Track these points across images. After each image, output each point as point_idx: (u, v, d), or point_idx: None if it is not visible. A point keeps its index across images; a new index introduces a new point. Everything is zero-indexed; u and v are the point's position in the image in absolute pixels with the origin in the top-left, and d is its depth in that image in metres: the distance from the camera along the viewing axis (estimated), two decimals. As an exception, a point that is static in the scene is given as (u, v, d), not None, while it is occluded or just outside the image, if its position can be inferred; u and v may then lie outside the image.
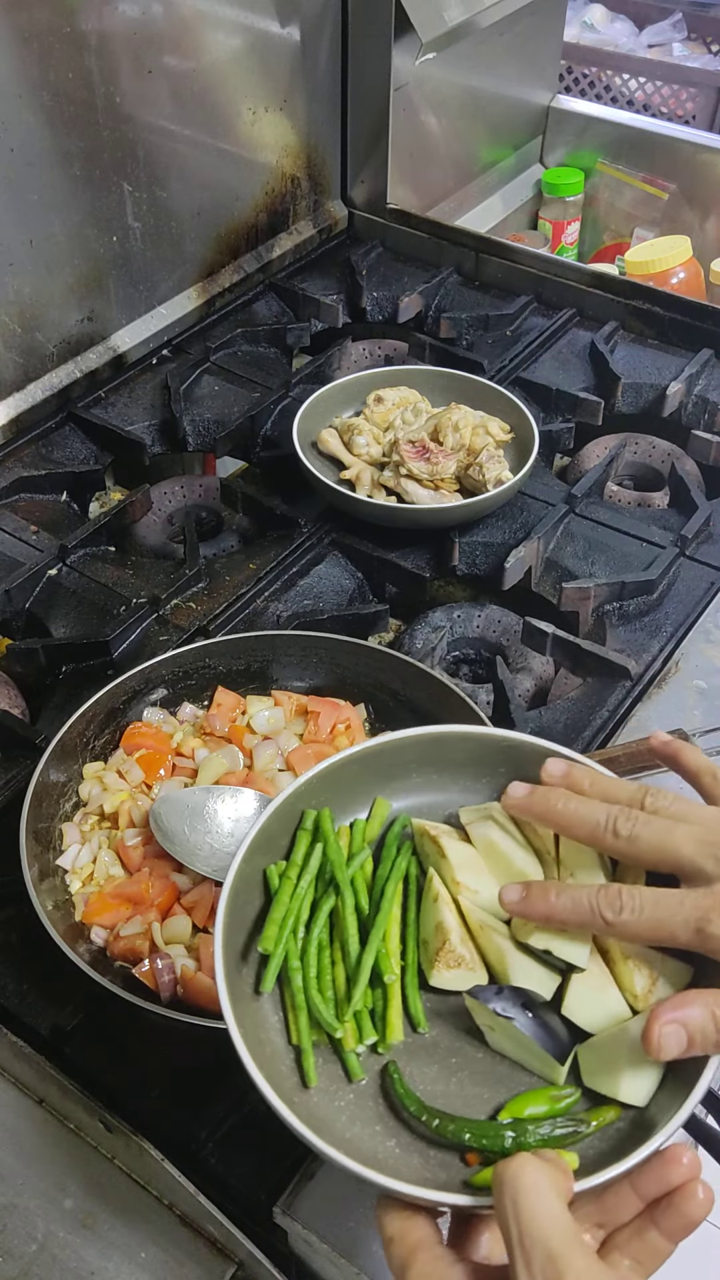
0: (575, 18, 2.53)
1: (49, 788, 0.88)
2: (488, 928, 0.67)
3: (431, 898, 0.68)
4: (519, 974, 0.65)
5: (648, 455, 1.34)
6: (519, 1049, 0.64)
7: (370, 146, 1.61)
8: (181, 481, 1.34)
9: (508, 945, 0.66)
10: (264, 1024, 0.64)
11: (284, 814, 0.69)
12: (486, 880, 0.69)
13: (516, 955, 0.65)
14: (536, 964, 0.65)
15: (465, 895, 0.68)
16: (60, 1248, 0.72)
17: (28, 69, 1.16)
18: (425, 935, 0.68)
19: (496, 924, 0.67)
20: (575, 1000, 0.64)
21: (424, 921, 0.69)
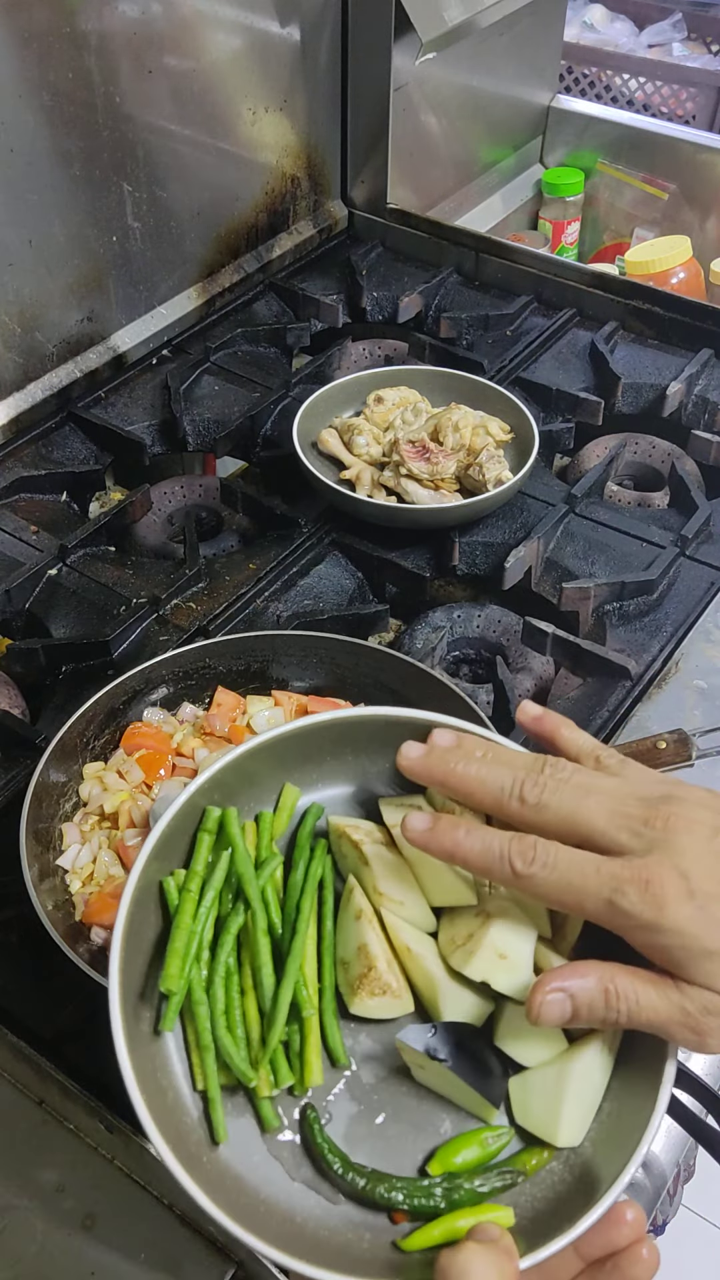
0: (575, 18, 2.53)
1: (49, 788, 0.88)
2: (415, 952, 0.61)
3: (353, 914, 0.62)
4: (449, 1003, 0.60)
5: (648, 455, 1.34)
6: (449, 1088, 0.60)
7: (370, 146, 1.61)
8: (181, 481, 1.34)
9: (438, 970, 0.61)
10: (166, 1067, 0.58)
11: (186, 815, 0.63)
12: (413, 893, 0.63)
13: (447, 982, 0.60)
14: (467, 990, 0.60)
15: (389, 909, 0.62)
16: (60, 1248, 0.72)
17: (28, 69, 1.16)
18: (345, 956, 0.62)
19: (425, 943, 0.62)
20: (509, 1031, 0.60)
21: (344, 940, 0.63)
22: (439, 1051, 0.58)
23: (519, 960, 0.60)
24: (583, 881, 0.55)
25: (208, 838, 0.63)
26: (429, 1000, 0.61)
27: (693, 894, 0.54)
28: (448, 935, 0.62)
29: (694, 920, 0.54)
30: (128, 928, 0.58)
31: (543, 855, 0.56)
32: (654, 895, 0.54)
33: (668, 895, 0.54)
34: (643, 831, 0.56)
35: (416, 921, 0.63)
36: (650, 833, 0.55)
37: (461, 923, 0.62)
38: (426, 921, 0.63)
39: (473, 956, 0.59)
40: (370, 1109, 0.59)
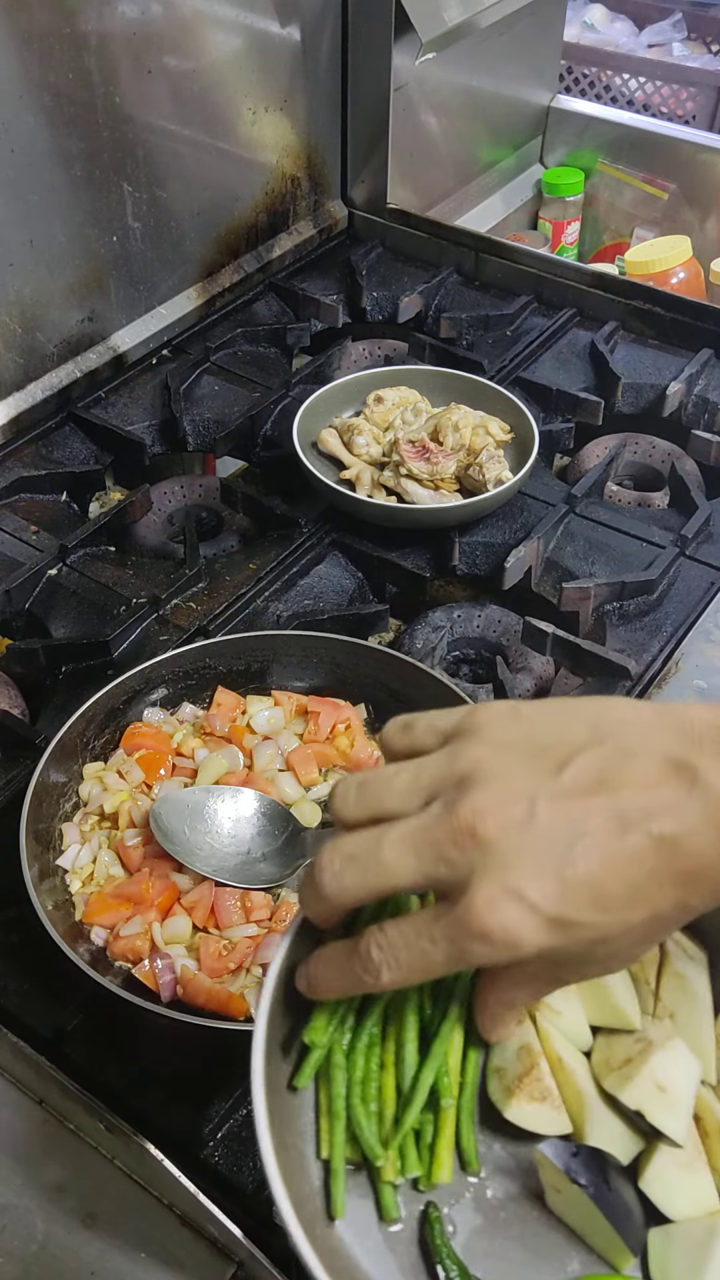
0: (575, 18, 2.53)
1: (49, 788, 0.88)
2: (568, 1065, 0.57)
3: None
4: (597, 1128, 0.55)
5: (648, 455, 1.34)
6: (585, 1221, 0.54)
7: (370, 146, 1.61)
8: (181, 481, 1.34)
9: (590, 1091, 0.56)
10: (292, 1125, 0.55)
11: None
12: (574, 1004, 0.59)
13: (598, 1105, 0.56)
14: (618, 1120, 0.56)
15: (546, 1017, 0.59)
16: (60, 1248, 0.72)
17: (28, 69, 1.16)
18: (502, 1062, 0.58)
19: (578, 1059, 0.58)
20: (658, 1176, 0.54)
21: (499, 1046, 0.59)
22: (581, 1175, 0.53)
23: (679, 1097, 0.55)
24: (431, 963, 0.50)
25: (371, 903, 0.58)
26: (575, 1120, 0.57)
27: (535, 908, 0.47)
28: (603, 1056, 0.59)
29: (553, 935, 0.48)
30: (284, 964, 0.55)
31: (378, 958, 0.50)
32: (501, 938, 0.48)
33: (514, 930, 0.47)
34: (453, 856, 0.49)
35: (572, 1036, 0.59)
36: (462, 854, 0.48)
37: (620, 1046, 0.59)
38: (582, 1038, 0.60)
39: (629, 1082, 0.55)
40: (494, 1225, 0.55)
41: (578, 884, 0.47)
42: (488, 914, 0.47)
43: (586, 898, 0.48)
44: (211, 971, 0.80)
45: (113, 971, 0.81)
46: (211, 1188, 0.71)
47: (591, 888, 0.48)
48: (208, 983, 0.79)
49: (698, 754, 0.49)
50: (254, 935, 0.82)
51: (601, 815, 0.48)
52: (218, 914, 0.83)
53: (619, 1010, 0.59)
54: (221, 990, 0.78)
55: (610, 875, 0.48)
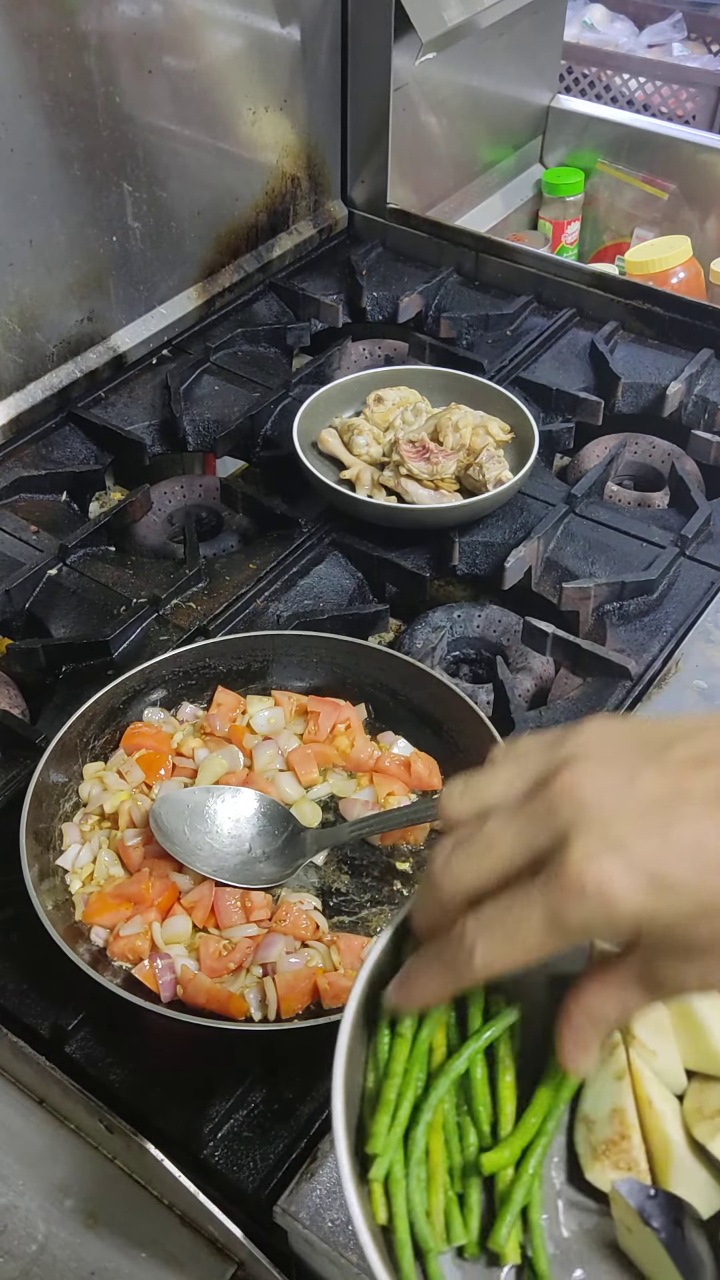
0: (575, 18, 2.53)
1: (49, 788, 0.88)
2: (657, 1109, 0.56)
3: (613, 1072, 0.57)
4: (680, 1175, 0.54)
5: (648, 455, 1.34)
6: (653, 1265, 0.53)
7: (370, 146, 1.61)
8: (181, 481, 1.34)
9: (678, 1138, 0.55)
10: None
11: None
12: (670, 1045, 0.58)
13: (684, 1154, 0.54)
14: (703, 1169, 0.55)
15: (640, 1054, 0.57)
16: (60, 1248, 0.72)
17: (28, 69, 1.16)
18: (593, 1114, 0.56)
19: (669, 1103, 0.57)
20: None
21: (595, 1095, 0.57)
22: (654, 1218, 0.51)
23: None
24: (527, 932, 0.47)
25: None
26: (659, 1165, 0.55)
27: (634, 864, 0.45)
28: (695, 1103, 0.57)
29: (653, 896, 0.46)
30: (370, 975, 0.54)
31: (474, 934, 0.49)
32: (597, 891, 0.46)
33: (611, 885, 0.45)
34: (546, 821, 0.48)
35: (665, 1077, 0.58)
36: (557, 817, 0.47)
37: (714, 1094, 0.57)
38: (675, 1081, 0.58)
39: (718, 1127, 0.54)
40: (566, 1256, 0.54)
41: (681, 843, 0.45)
42: (585, 866, 0.45)
43: (690, 858, 0.45)
44: (211, 971, 0.80)
45: (113, 971, 0.81)
46: (211, 1188, 0.71)
47: (696, 848, 0.45)
48: (208, 983, 0.79)
49: None
50: (254, 935, 0.82)
51: (706, 784, 0.47)
52: (218, 914, 0.83)
53: (716, 1054, 0.57)
54: (221, 990, 0.78)
55: (714, 838, 0.45)
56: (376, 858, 0.90)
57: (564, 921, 0.46)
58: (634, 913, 0.46)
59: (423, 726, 0.97)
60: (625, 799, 0.47)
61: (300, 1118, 0.75)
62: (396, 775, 0.93)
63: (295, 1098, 0.76)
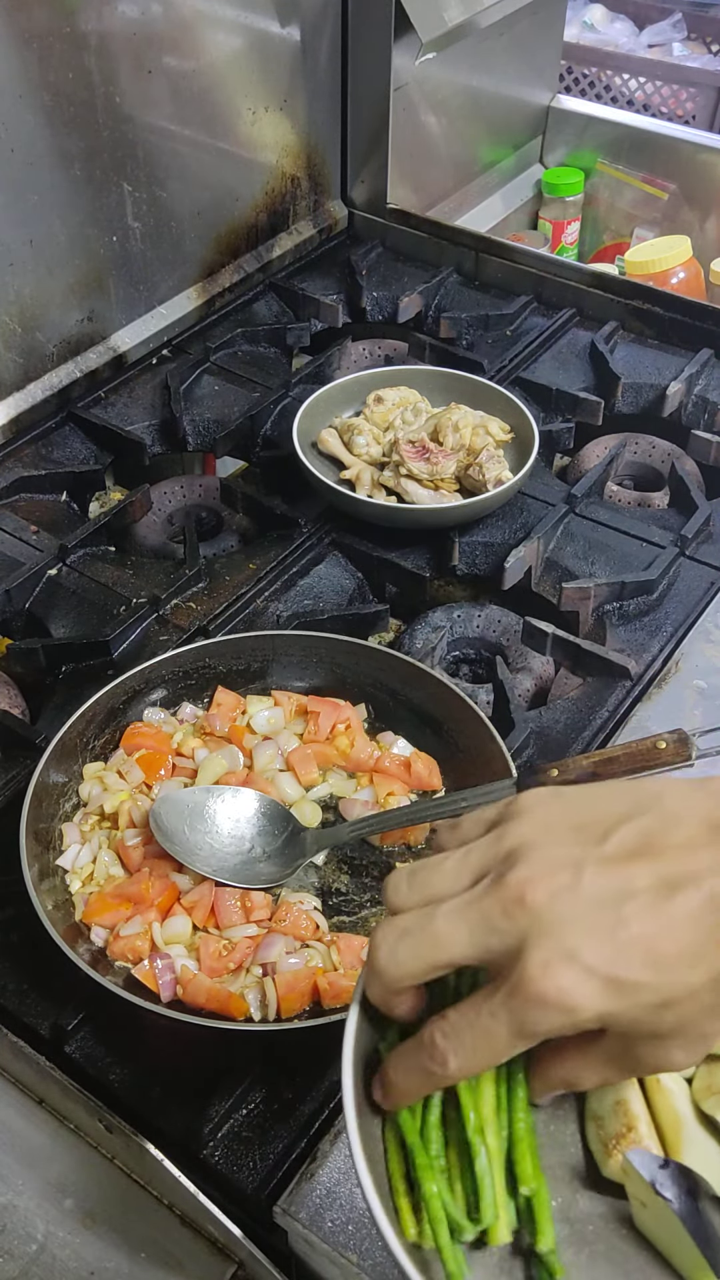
0: (575, 18, 2.53)
1: (49, 788, 0.88)
2: (666, 1087, 0.57)
3: None
4: (691, 1148, 0.55)
5: (648, 455, 1.34)
6: (669, 1239, 0.53)
7: (370, 146, 1.61)
8: (181, 481, 1.34)
9: (687, 1114, 0.56)
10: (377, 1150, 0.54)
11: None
12: None
13: (694, 1128, 0.55)
14: (716, 1145, 0.55)
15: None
16: (60, 1247, 0.72)
17: (28, 69, 1.16)
18: (599, 1110, 0.57)
19: (677, 1082, 0.58)
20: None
21: (599, 1092, 0.58)
22: (666, 1188, 0.52)
23: None
24: (495, 1041, 0.49)
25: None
26: (670, 1143, 0.56)
27: (590, 970, 0.47)
28: (704, 1082, 0.58)
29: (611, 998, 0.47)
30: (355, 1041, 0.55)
31: (444, 1046, 0.50)
32: (557, 1002, 0.47)
33: (570, 993, 0.47)
34: (503, 926, 0.49)
35: None
36: (512, 922, 0.49)
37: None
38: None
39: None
40: (580, 1239, 0.54)
41: (631, 943, 0.47)
42: (543, 978, 0.47)
43: (641, 957, 0.47)
44: (211, 971, 0.80)
45: (113, 971, 0.81)
46: (211, 1188, 0.71)
47: (646, 947, 0.47)
48: (208, 983, 0.79)
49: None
50: (254, 935, 0.82)
51: (648, 878, 0.49)
52: (218, 914, 0.83)
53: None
54: (221, 990, 0.78)
55: (663, 934, 0.48)
56: (376, 858, 0.90)
57: (529, 1029, 0.48)
58: (595, 1012, 0.48)
59: (423, 726, 0.97)
60: (573, 904, 0.48)
61: (300, 1118, 0.75)
62: (396, 775, 0.93)
63: (295, 1098, 0.76)
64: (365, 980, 0.54)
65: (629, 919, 0.48)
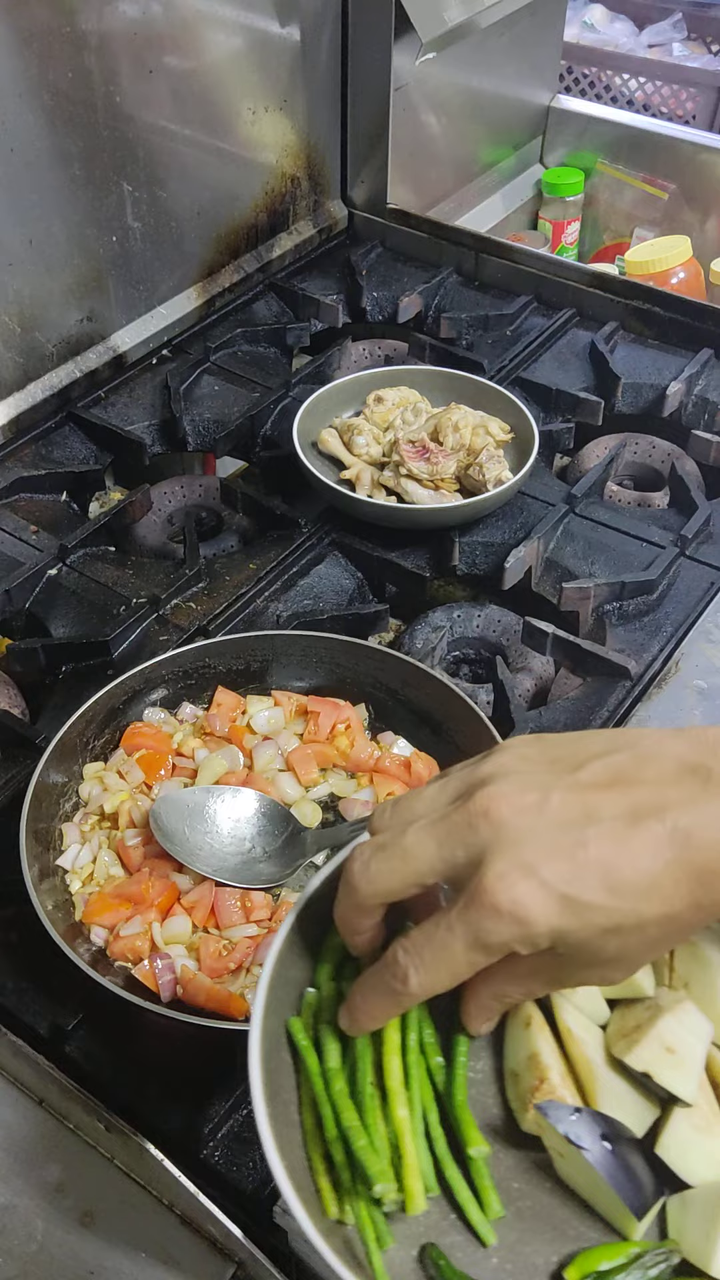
0: (575, 18, 2.53)
1: (49, 788, 0.88)
2: (578, 1036, 0.57)
3: (522, 1021, 0.58)
4: (606, 1095, 0.55)
5: (648, 455, 1.34)
6: (590, 1187, 0.53)
7: (370, 146, 1.61)
8: (181, 481, 1.34)
9: (599, 1061, 0.56)
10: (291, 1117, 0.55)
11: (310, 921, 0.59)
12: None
13: (607, 1075, 0.55)
14: (631, 1089, 0.55)
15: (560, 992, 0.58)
16: (59, 1247, 0.72)
17: (28, 69, 1.16)
18: (515, 1066, 0.57)
19: (590, 1031, 0.57)
20: (674, 1140, 0.53)
21: (512, 1049, 0.58)
22: (581, 1138, 0.52)
23: (688, 1057, 0.54)
24: (453, 955, 0.50)
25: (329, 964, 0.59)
26: (586, 1092, 0.56)
27: (546, 885, 0.48)
28: (617, 1027, 0.58)
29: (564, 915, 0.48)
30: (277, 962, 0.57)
31: (405, 962, 0.51)
32: (510, 913, 0.48)
33: (524, 905, 0.48)
34: (468, 839, 0.50)
35: (587, 1010, 0.59)
36: (475, 835, 0.50)
37: (632, 1015, 0.58)
38: (598, 1012, 0.59)
39: (636, 1046, 0.55)
40: (507, 1196, 0.54)
41: (590, 865, 0.48)
42: (499, 889, 0.48)
43: (599, 880, 0.48)
44: (211, 971, 0.80)
45: (113, 971, 0.81)
46: (211, 1188, 0.71)
47: (605, 870, 0.48)
48: (208, 983, 0.79)
49: (712, 759, 0.50)
50: (254, 935, 0.82)
51: (616, 806, 0.49)
52: (218, 914, 0.83)
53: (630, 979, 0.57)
54: (221, 990, 0.78)
55: (624, 861, 0.48)
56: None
57: (485, 941, 0.49)
58: (548, 927, 0.48)
59: (423, 726, 0.97)
60: (537, 820, 0.49)
61: (300, 1118, 0.75)
62: (396, 775, 0.93)
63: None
64: (338, 901, 0.55)
65: (591, 841, 0.48)
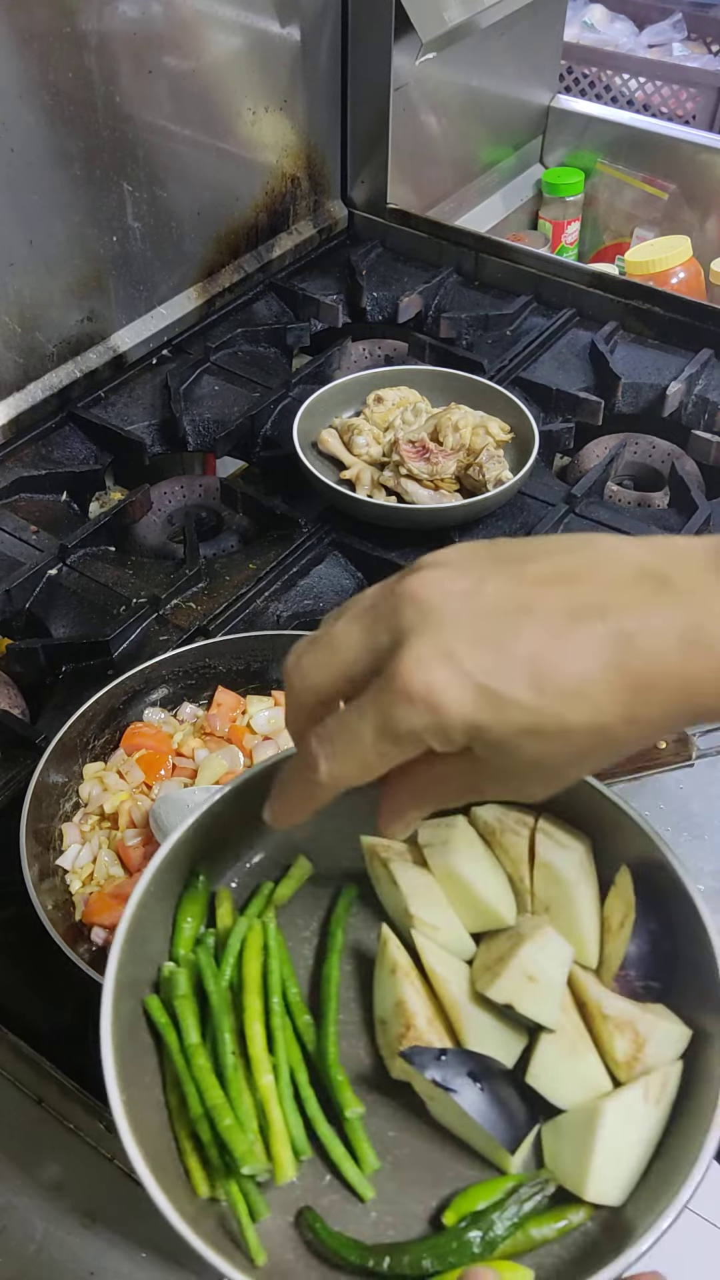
0: (575, 18, 2.53)
1: (49, 788, 0.88)
2: (440, 975, 0.56)
3: (388, 968, 0.57)
4: (473, 1032, 0.55)
5: (648, 455, 1.34)
6: (463, 1126, 0.54)
7: (370, 146, 1.61)
8: (181, 481, 1.34)
9: (462, 996, 0.56)
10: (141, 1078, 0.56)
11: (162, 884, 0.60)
12: (447, 914, 0.59)
13: (473, 1011, 0.55)
14: (498, 1022, 0.55)
15: (422, 932, 0.58)
16: (59, 1248, 0.72)
17: (28, 69, 1.16)
18: (383, 1014, 0.57)
19: (454, 968, 0.57)
20: (542, 1067, 0.54)
21: (380, 997, 0.58)
22: (448, 1080, 0.51)
23: (549, 984, 0.54)
24: (362, 743, 0.46)
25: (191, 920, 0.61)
26: (455, 1030, 0.56)
27: (465, 673, 0.43)
28: (481, 961, 0.58)
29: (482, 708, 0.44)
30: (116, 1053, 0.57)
31: (316, 750, 0.47)
32: (424, 698, 0.44)
33: (439, 691, 0.44)
34: (389, 621, 0.46)
35: (452, 948, 0.58)
36: (395, 617, 0.46)
37: (495, 946, 0.58)
38: (463, 948, 0.59)
39: (498, 979, 0.54)
40: (380, 1145, 0.55)
41: (516, 657, 0.43)
42: (414, 672, 0.44)
43: (524, 674, 0.43)
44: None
45: (112, 971, 0.80)
46: (211, 1188, 0.71)
47: (531, 665, 0.43)
48: (207, 983, 0.79)
49: (674, 566, 0.45)
50: (254, 935, 0.82)
51: (556, 600, 0.45)
52: (217, 914, 0.83)
53: (492, 911, 0.57)
54: (221, 990, 0.78)
55: (555, 656, 0.43)
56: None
57: (394, 728, 0.45)
58: (462, 724, 0.44)
59: (422, 726, 0.96)
60: (466, 606, 0.45)
61: (300, 1118, 0.75)
62: (396, 775, 0.93)
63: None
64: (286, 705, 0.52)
65: (521, 633, 0.44)
